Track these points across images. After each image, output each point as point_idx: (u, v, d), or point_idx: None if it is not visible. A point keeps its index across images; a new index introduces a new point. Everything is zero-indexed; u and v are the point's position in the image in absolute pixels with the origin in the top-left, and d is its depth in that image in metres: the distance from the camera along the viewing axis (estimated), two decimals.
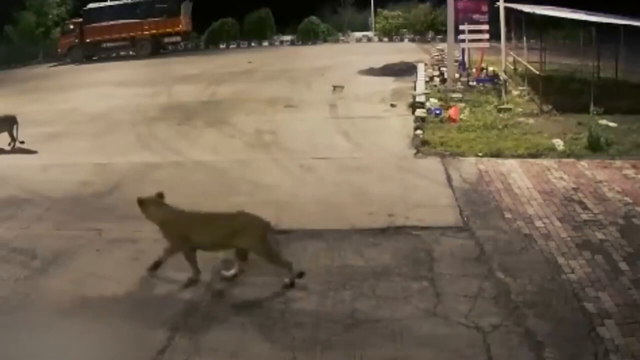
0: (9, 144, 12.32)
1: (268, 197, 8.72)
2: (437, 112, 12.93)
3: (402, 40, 32.49)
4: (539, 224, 7.28)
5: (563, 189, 8.41)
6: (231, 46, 33.68)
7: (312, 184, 9.33)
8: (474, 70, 17.83)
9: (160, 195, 6.25)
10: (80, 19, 32.22)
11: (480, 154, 10.21)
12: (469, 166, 9.67)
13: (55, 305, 5.98)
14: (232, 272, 6.18)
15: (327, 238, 7.13)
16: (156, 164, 10.83)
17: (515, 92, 15.26)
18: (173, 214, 6.15)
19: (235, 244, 5.98)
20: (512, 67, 18.69)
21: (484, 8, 16.67)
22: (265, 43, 33.75)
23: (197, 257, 6.19)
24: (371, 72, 19.93)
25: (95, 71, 26.84)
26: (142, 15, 31.66)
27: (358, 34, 34.54)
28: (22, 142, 12.31)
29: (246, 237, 5.89)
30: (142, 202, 6.16)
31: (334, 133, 12.30)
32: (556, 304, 5.50)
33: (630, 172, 8.98)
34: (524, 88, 15.51)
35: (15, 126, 12.32)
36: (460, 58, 18.53)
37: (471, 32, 16.46)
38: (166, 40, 32.39)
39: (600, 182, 8.62)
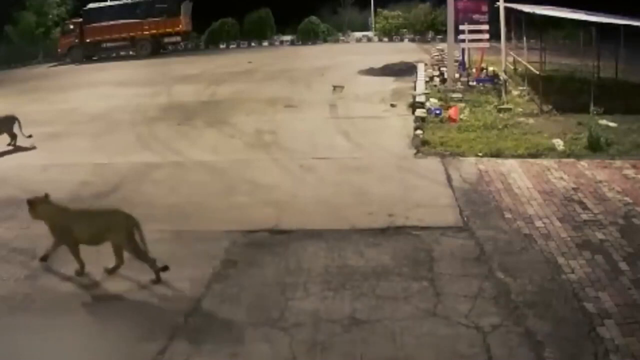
0: (8, 144, 12.43)
1: (268, 197, 8.73)
2: (437, 112, 12.93)
3: (402, 40, 32.48)
4: (539, 224, 7.28)
5: (563, 189, 8.41)
6: (231, 46, 33.67)
7: (312, 184, 9.33)
8: (474, 70, 17.82)
9: (47, 196, 6.66)
10: (80, 19, 32.22)
11: (480, 154, 10.22)
12: (469, 166, 9.66)
13: (55, 305, 5.99)
14: (112, 266, 6.47)
15: (327, 238, 7.13)
16: (156, 164, 10.83)
17: (515, 92, 15.25)
18: (58, 212, 6.56)
19: (107, 238, 6.39)
20: (512, 67, 18.69)
21: (484, 8, 16.66)
22: (265, 43, 33.74)
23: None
24: (371, 72, 19.92)
25: (95, 71, 26.83)
26: (142, 15, 31.66)
27: (358, 34, 34.52)
28: (29, 136, 12.47)
29: (114, 233, 6.32)
30: (32, 203, 6.59)
31: (334, 133, 12.29)
32: (556, 304, 5.50)
33: (630, 172, 8.98)
34: (524, 88, 15.50)
35: (16, 123, 12.42)
36: (460, 58, 18.52)
37: (471, 32, 16.45)
38: (166, 40, 32.38)
39: (600, 182, 8.62)
